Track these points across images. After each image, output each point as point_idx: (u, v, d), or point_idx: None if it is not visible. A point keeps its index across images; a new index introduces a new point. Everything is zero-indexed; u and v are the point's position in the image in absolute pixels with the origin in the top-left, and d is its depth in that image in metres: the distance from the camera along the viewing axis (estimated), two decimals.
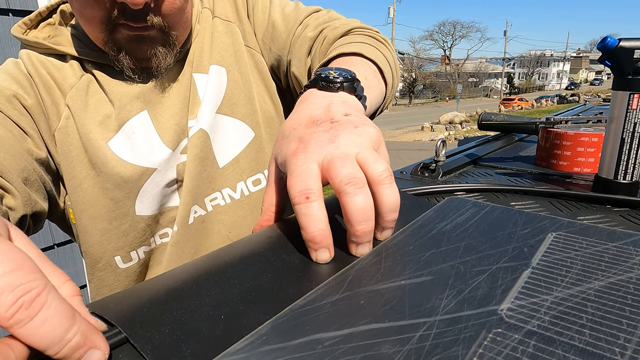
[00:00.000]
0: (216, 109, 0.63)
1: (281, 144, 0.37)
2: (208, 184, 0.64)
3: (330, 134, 0.34)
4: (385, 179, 0.32)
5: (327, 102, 0.38)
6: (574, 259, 0.31)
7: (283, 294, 0.27)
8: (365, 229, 0.31)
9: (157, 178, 0.60)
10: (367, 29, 0.62)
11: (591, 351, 0.21)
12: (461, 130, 15.93)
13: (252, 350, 0.22)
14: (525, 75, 50.75)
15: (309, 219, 0.31)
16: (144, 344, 0.23)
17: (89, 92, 0.59)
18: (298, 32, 0.64)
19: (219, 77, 0.64)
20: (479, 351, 0.21)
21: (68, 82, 0.58)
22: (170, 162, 0.61)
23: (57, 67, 0.59)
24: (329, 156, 0.32)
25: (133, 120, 0.59)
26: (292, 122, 0.38)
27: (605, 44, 0.46)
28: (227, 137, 0.64)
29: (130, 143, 0.59)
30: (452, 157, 0.71)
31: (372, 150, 0.34)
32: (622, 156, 0.48)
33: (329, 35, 0.60)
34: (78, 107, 0.58)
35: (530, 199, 0.49)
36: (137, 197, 0.59)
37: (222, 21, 0.67)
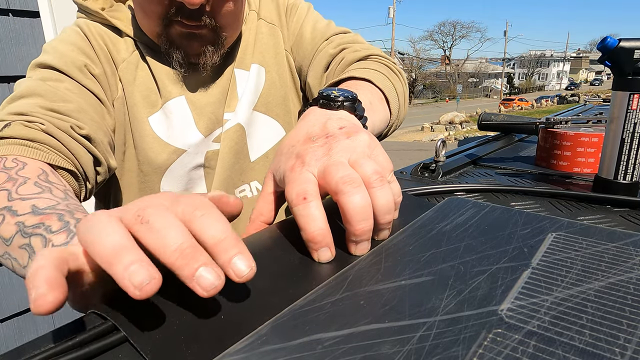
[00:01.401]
0: (253, 105, 0.67)
1: (280, 160, 0.38)
2: (239, 176, 0.67)
3: (324, 148, 0.35)
4: (375, 181, 0.32)
5: (325, 119, 0.39)
6: (574, 259, 0.31)
7: (283, 294, 0.27)
8: (365, 228, 0.31)
9: (185, 159, 0.63)
10: (384, 58, 0.66)
11: (591, 351, 0.21)
12: (461, 131, 15.93)
13: (252, 350, 0.22)
14: (525, 76, 50.75)
15: (307, 218, 0.31)
16: (144, 344, 0.23)
17: (138, 66, 0.63)
18: (322, 46, 0.68)
19: (258, 76, 0.68)
20: (479, 351, 0.21)
21: (121, 55, 0.63)
22: (201, 147, 0.64)
23: (113, 41, 0.63)
24: (323, 166, 0.33)
25: (172, 102, 0.63)
26: (291, 140, 0.39)
27: (605, 44, 0.46)
28: (261, 133, 0.68)
29: (167, 122, 0.62)
30: (452, 157, 0.71)
31: (363, 155, 0.34)
32: (622, 156, 0.48)
33: (347, 57, 0.64)
34: (128, 80, 0.62)
35: (530, 199, 0.49)
36: (164, 174, 0.63)
37: (266, 23, 0.71)
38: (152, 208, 0.24)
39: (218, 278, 0.22)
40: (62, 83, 0.56)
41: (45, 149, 0.48)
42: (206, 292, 0.22)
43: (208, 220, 0.24)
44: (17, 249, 0.36)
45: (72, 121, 0.52)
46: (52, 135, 0.49)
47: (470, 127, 17.01)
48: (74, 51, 0.59)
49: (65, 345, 0.22)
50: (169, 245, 0.22)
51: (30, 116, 0.50)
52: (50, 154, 0.48)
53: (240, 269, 0.23)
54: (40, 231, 0.35)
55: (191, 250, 0.23)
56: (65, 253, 0.24)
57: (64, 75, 0.57)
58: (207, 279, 0.22)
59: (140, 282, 0.20)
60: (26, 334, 1.44)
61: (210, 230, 0.24)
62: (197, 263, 0.22)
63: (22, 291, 1.42)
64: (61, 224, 0.35)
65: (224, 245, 0.24)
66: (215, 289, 0.22)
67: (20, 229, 0.37)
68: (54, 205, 0.39)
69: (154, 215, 0.23)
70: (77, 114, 0.54)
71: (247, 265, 0.24)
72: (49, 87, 0.54)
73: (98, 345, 0.23)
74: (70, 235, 0.34)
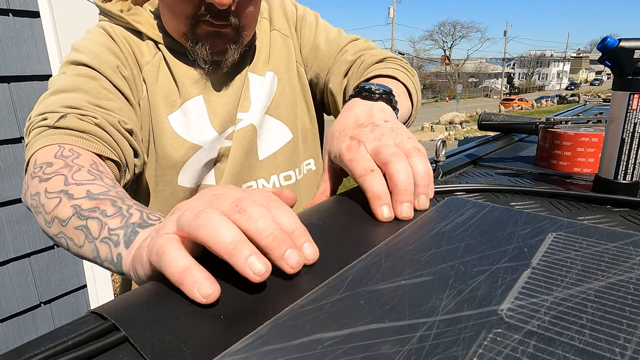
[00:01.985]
0: (266, 109, 0.73)
1: (333, 142, 0.48)
2: (248, 173, 0.72)
3: (375, 133, 0.45)
4: (414, 152, 0.42)
5: (369, 109, 0.49)
6: (574, 259, 0.31)
7: (283, 294, 0.27)
8: (408, 188, 0.39)
9: (201, 155, 0.67)
10: (399, 60, 0.73)
11: (591, 351, 0.21)
12: (461, 131, 15.92)
13: (252, 350, 0.22)
14: (525, 76, 50.73)
15: (374, 182, 0.40)
16: (144, 344, 0.23)
17: (160, 69, 0.67)
18: (338, 57, 0.75)
19: (272, 83, 0.74)
20: (479, 351, 0.21)
21: (145, 59, 0.67)
22: (215, 143, 0.68)
23: (136, 44, 0.67)
24: (376, 146, 0.43)
25: (191, 101, 0.67)
26: (341, 125, 0.48)
27: (605, 44, 0.46)
28: (271, 135, 0.74)
29: (185, 120, 0.67)
30: (452, 157, 0.71)
31: (404, 139, 0.44)
32: (622, 156, 0.48)
33: (367, 60, 0.70)
34: (151, 81, 0.66)
35: (530, 199, 0.49)
36: (181, 168, 0.67)
37: (280, 34, 0.77)
38: (245, 200, 0.29)
39: (300, 259, 0.29)
40: (99, 82, 0.59)
41: (95, 140, 0.53)
42: (292, 269, 0.28)
43: (282, 213, 0.31)
44: (72, 230, 0.40)
45: (118, 117, 0.57)
46: (104, 128, 0.54)
47: (470, 127, 17.00)
48: (105, 52, 0.62)
49: (65, 345, 0.22)
50: (264, 230, 0.28)
51: (82, 110, 0.54)
52: (100, 146, 0.53)
53: (308, 253, 0.30)
54: (97, 215, 0.39)
55: (282, 236, 0.29)
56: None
57: (99, 74, 0.60)
58: (293, 258, 0.28)
59: (259, 271, 0.26)
60: (26, 334, 1.44)
61: (284, 220, 0.30)
62: (285, 246, 0.28)
63: (22, 291, 1.42)
64: (115, 209, 0.39)
65: (296, 234, 0.30)
66: (298, 267, 0.29)
67: (77, 211, 0.40)
68: (106, 191, 0.43)
69: (250, 207, 0.29)
70: (120, 111, 0.58)
71: (314, 252, 0.31)
72: (92, 85, 0.58)
73: (98, 345, 0.23)
74: (124, 220, 0.38)
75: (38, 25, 1.34)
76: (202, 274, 0.26)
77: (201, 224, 0.27)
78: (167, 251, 0.28)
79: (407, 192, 0.39)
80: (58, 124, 0.51)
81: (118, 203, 0.40)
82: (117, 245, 0.36)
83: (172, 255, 0.28)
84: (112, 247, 0.37)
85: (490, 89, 43.35)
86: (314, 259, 0.30)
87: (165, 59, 0.67)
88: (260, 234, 0.28)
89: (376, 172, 0.41)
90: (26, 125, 0.55)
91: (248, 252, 0.26)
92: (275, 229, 0.28)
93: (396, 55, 0.74)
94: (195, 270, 0.27)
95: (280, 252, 0.28)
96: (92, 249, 0.38)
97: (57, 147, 0.50)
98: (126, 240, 0.36)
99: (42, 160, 0.48)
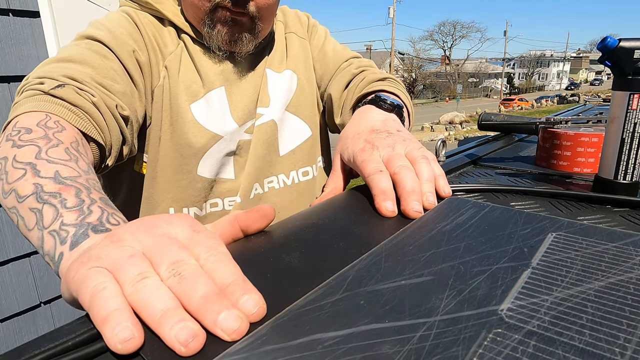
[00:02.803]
0: (286, 106, 0.75)
1: (347, 144, 0.50)
2: (269, 167, 0.74)
3: (388, 141, 0.48)
4: (418, 158, 0.46)
5: (384, 118, 0.52)
6: (574, 259, 0.31)
7: (283, 294, 0.27)
8: (416, 190, 0.42)
9: (221, 145, 0.69)
10: (398, 82, 0.77)
11: (591, 351, 0.21)
12: (461, 131, 15.92)
13: (252, 350, 0.22)
14: (525, 76, 50.71)
15: (381, 180, 0.43)
16: (144, 344, 0.23)
17: (182, 59, 0.68)
18: (343, 66, 0.79)
19: (291, 81, 0.77)
20: (479, 351, 0.21)
21: (168, 49, 0.67)
22: (235, 135, 0.70)
23: (159, 32, 0.68)
24: (388, 154, 0.46)
25: (213, 92, 0.68)
26: (356, 128, 0.51)
27: (605, 44, 0.46)
28: (291, 131, 0.76)
29: (208, 110, 0.67)
30: (452, 157, 0.71)
31: (414, 148, 0.47)
32: (622, 156, 0.48)
33: (368, 77, 0.74)
34: (173, 71, 0.66)
35: (530, 199, 0.49)
36: (202, 157, 0.68)
37: (298, 37, 0.81)
38: (184, 263, 0.26)
39: (236, 322, 0.24)
40: (109, 61, 0.58)
41: (86, 118, 0.51)
42: (229, 336, 0.23)
43: (219, 265, 0.27)
44: (27, 210, 0.37)
45: (117, 101, 0.56)
46: (98, 108, 0.52)
47: (470, 127, 17.00)
48: (124, 34, 0.62)
49: (65, 346, 0.22)
50: (195, 293, 0.24)
51: (83, 84, 0.52)
52: (89, 125, 0.51)
53: (248, 307, 0.25)
54: (55, 202, 0.37)
55: (215, 297, 0.24)
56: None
57: (113, 54, 0.59)
58: (227, 323, 0.23)
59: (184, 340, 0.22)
60: (26, 334, 1.44)
61: (219, 273, 0.26)
62: (218, 307, 0.24)
63: (22, 291, 1.42)
64: (76, 201, 0.37)
65: (232, 288, 0.26)
66: (239, 333, 0.23)
67: (37, 191, 0.38)
68: (75, 177, 0.40)
69: (186, 271, 0.26)
70: (122, 96, 0.57)
71: (255, 303, 0.25)
72: (100, 62, 0.57)
73: (98, 346, 0.23)
74: (81, 217, 0.35)
75: (38, 25, 1.34)
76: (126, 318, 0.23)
77: (133, 292, 0.25)
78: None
79: (415, 193, 0.42)
80: (53, 92, 0.50)
81: (82, 194, 0.38)
82: (62, 243, 0.34)
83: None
84: (57, 244, 0.34)
85: (490, 89, 43.35)
86: (258, 314, 0.25)
87: (187, 49, 0.68)
88: (190, 297, 0.24)
89: (385, 172, 0.44)
90: (21, 84, 0.52)
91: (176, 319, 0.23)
92: (208, 291, 0.24)
93: (395, 77, 0.78)
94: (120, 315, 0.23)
95: (213, 316, 0.23)
96: (39, 238, 0.36)
97: (44, 115, 0.47)
98: (73, 242, 0.33)
99: (22, 125, 0.45)
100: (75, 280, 0.26)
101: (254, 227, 0.37)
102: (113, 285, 0.25)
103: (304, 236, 0.37)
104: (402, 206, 0.41)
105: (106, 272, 0.25)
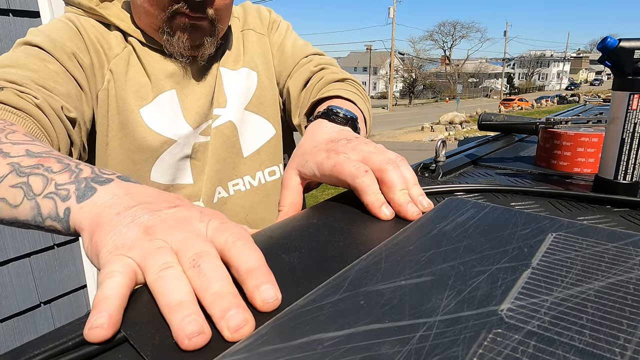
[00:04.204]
0: (244, 105, 0.73)
1: (305, 158, 0.47)
2: (232, 170, 0.72)
3: (351, 144, 0.45)
4: (400, 161, 0.44)
5: (338, 129, 0.50)
6: (574, 259, 0.31)
7: (283, 294, 0.27)
8: (405, 192, 0.41)
9: (175, 150, 0.66)
10: (357, 84, 0.75)
11: (591, 351, 0.21)
12: (461, 131, 15.92)
13: (252, 350, 0.22)
14: (525, 76, 50.72)
15: (371, 187, 0.41)
16: (144, 344, 0.23)
17: (130, 62, 0.65)
18: (302, 62, 0.77)
19: (249, 79, 0.74)
20: (479, 351, 0.21)
21: (113, 51, 0.65)
22: (189, 138, 0.67)
23: (103, 35, 0.65)
24: (361, 155, 0.43)
25: (164, 95, 0.66)
26: (311, 142, 0.48)
27: (605, 44, 0.46)
28: (253, 131, 0.74)
29: (158, 114, 0.65)
30: (452, 157, 0.71)
31: (381, 150, 0.45)
32: (622, 156, 0.48)
33: (326, 77, 0.71)
34: (119, 74, 0.64)
35: (530, 199, 0.49)
36: (154, 163, 0.66)
37: (256, 33, 0.78)
38: (205, 255, 0.27)
39: (244, 320, 0.24)
40: (50, 64, 0.56)
41: (30, 121, 0.48)
42: (231, 335, 0.23)
43: (245, 251, 0.28)
44: (7, 188, 0.36)
45: (62, 102, 0.53)
46: (43, 110, 0.50)
47: (470, 127, 16.99)
48: (63, 38, 0.60)
49: (65, 346, 0.22)
50: (209, 287, 0.25)
51: (23, 87, 0.50)
52: (35, 127, 0.48)
53: (267, 296, 0.26)
54: (41, 171, 0.35)
55: (228, 294, 0.25)
56: (128, 290, 0.26)
57: (52, 57, 0.57)
58: (233, 320, 0.24)
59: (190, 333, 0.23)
60: (26, 334, 1.44)
61: (245, 259, 0.27)
62: (228, 305, 0.24)
63: (22, 291, 1.42)
64: (62, 166, 0.35)
65: (256, 273, 0.26)
66: (242, 333, 0.23)
67: (15, 168, 0.36)
68: (48, 151, 0.38)
69: (204, 263, 0.26)
70: (67, 97, 0.55)
71: (274, 295, 0.26)
72: (40, 65, 0.54)
73: (98, 346, 0.23)
74: (73, 175, 0.34)
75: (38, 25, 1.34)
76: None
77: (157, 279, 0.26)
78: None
79: (406, 194, 0.41)
80: None
81: (64, 160, 0.36)
82: (65, 200, 0.33)
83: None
84: (58, 202, 0.33)
85: (490, 89, 43.35)
86: (272, 304, 0.25)
87: (136, 52, 0.66)
88: (205, 291, 0.25)
89: (370, 172, 0.41)
90: None
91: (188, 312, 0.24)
92: (222, 287, 0.25)
93: (354, 77, 0.77)
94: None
95: (221, 312, 0.24)
96: (32, 207, 0.34)
97: None
98: (79, 195, 0.33)
99: None
100: (101, 262, 0.27)
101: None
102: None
103: (304, 236, 0.37)
104: (396, 208, 0.41)
105: (133, 263, 0.27)
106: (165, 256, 0.27)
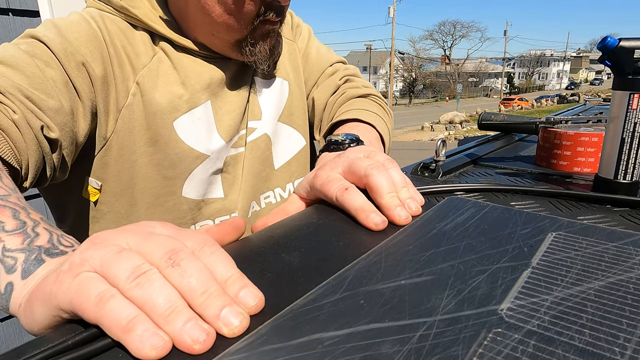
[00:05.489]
0: (278, 117, 0.71)
1: (301, 185, 0.48)
2: (264, 183, 0.70)
3: (341, 158, 0.45)
4: (388, 164, 0.43)
5: (335, 155, 0.49)
6: (574, 259, 0.31)
7: (283, 293, 0.27)
8: (393, 195, 0.40)
9: (208, 165, 0.63)
10: (379, 99, 0.76)
11: (591, 351, 0.21)
12: (461, 130, 15.92)
13: (252, 350, 0.22)
14: (525, 75, 50.72)
15: (353, 199, 0.40)
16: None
17: (160, 72, 0.59)
18: (328, 71, 0.77)
19: (282, 89, 0.72)
20: (479, 351, 0.21)
21: (141, 61, 0.58)
22: (222, 152, 0.64)
23: (130, 41, 0.58)
24: (347, 163, 0.43)
25: (199, 108, 0.62)
26: (315, 180, 0.46)
27: (605, 44, 0.46)
28: (285, 143, 0.72)
29: (193, 127, 0.61)
30: (452, 157, 0.71)
31: (374, 152, 0.44)
32: (622, 156, 0.48)
33: (349, 93, 0.72)
34: (148, 86, 0.58)
35: (530, 199, 0.49)
36: (187, 178, 0.62)
37: (286, 40, 0.75)
38: (180, 252, 0.25)
39: (238, 318, 0.24)
40: (50, 70, 0.51)
41: (4, 140, 0.45)
42: (232, 332, 0.23)
43: (216, 259, 0.26)
44: None
45: (45, 120, 0.48)
46: (19, 127, 0.45)
47: (470, 126, 16.99)
48: (79, 41, 0.54)
49: (66, 345, 0.22)
50: (197, 288, 0.24)
51: (5, 96, 0.46)
52: (6, 149, 0.45)
53: (247, 300, 0.25)
54: None
55: (217, 293, 0.24)
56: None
57: (58, 62, 0.51)
58: (230, 318, 0.24)
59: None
60: (26, 334, 1.43)
61: (218, 268, 0.26)
62: (221, 303, 0.24)
63: None
64: (16, 224, 0.32)
65: (231, 281, 0.26)
66: (241, 329, 0.24)
67: None
68: (6, 196, 0.35)
69: (185, 260, 0.25)
70: (54, 113, 0.49)
71: (255, 296, 0.26)
72: (36, 70, 0.49)
73: (98, 346, 0.23)
74: (27, 241, 0.31)
75: (38, 25, 1.34)
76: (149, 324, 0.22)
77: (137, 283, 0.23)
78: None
79: (394, 198, 0.40)
80: None
81: (21, 215, 0.33)
82: (10, 272, 0.29)
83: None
84: (2, 273, 0.29)
85: (490, 88, 43.35)
86: (257, 306, 0.25)
87: (169, 58, 0.60)
88: (193, 292, 0.24)
89: (351, 188, 0.41)
90: None
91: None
92: (210, 286, 0.24)
93: (377, 92, 0.76)
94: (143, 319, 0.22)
95: (217, 311, 0.23)
96: None
97: None
98: (25, 269, 0.29)
99: None
100: (67, 292, 0.24)
101: (226, 240, 0.35)
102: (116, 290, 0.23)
103: (304, 236, 0.37)
104: (386, 213, 0.39)
105: (99, 277, 0.24)
106: (130, 259, 0.24)
